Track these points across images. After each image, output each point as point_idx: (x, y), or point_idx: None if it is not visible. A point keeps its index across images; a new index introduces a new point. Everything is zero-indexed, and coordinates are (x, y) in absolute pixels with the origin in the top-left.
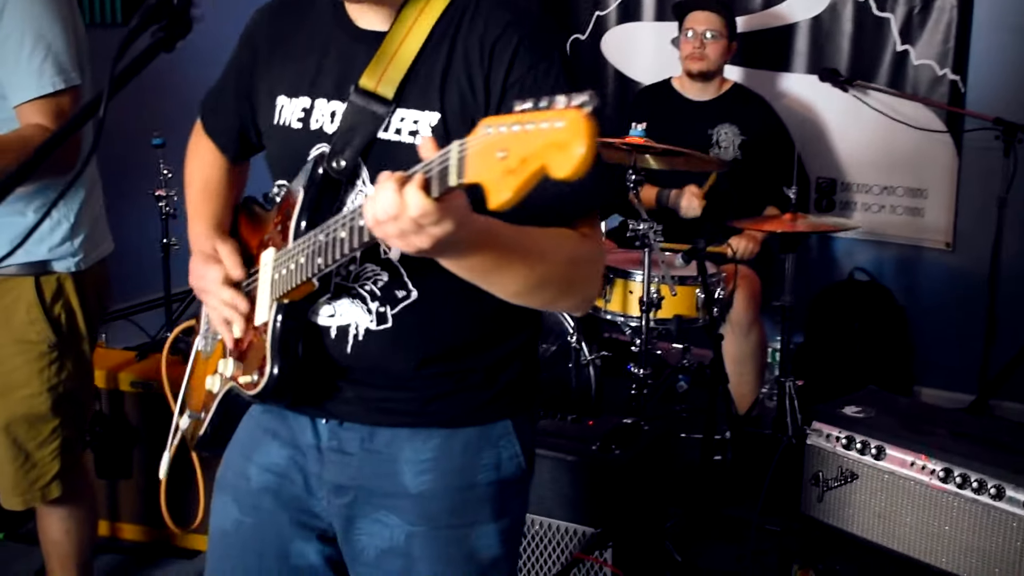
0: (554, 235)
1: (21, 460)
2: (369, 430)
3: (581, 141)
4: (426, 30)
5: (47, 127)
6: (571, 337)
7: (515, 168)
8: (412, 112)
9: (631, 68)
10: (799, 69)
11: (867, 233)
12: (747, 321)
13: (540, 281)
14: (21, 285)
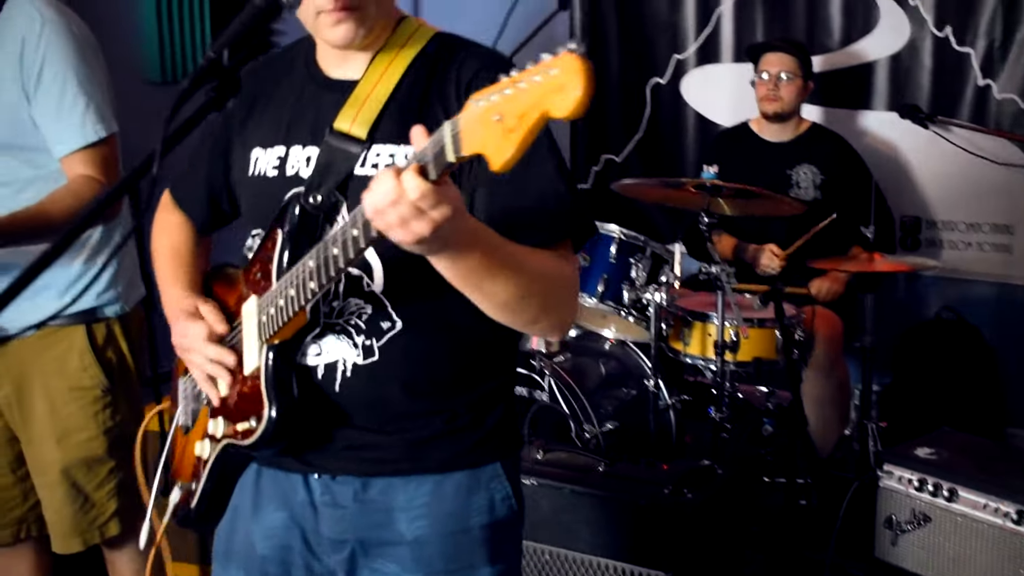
0: (534, 251)
1: (80, 502)
2: (362, 481)
3: (579, 80)
4: (398, 74)
5: (93, 176)
6: (649, 381)
7: (514, 126)
8: (388, 147)
9: (711, 110)
10: (879, 107)
11: (954, 271)
12: (828, 362)
13: (526, 292)
14: (73, 334)
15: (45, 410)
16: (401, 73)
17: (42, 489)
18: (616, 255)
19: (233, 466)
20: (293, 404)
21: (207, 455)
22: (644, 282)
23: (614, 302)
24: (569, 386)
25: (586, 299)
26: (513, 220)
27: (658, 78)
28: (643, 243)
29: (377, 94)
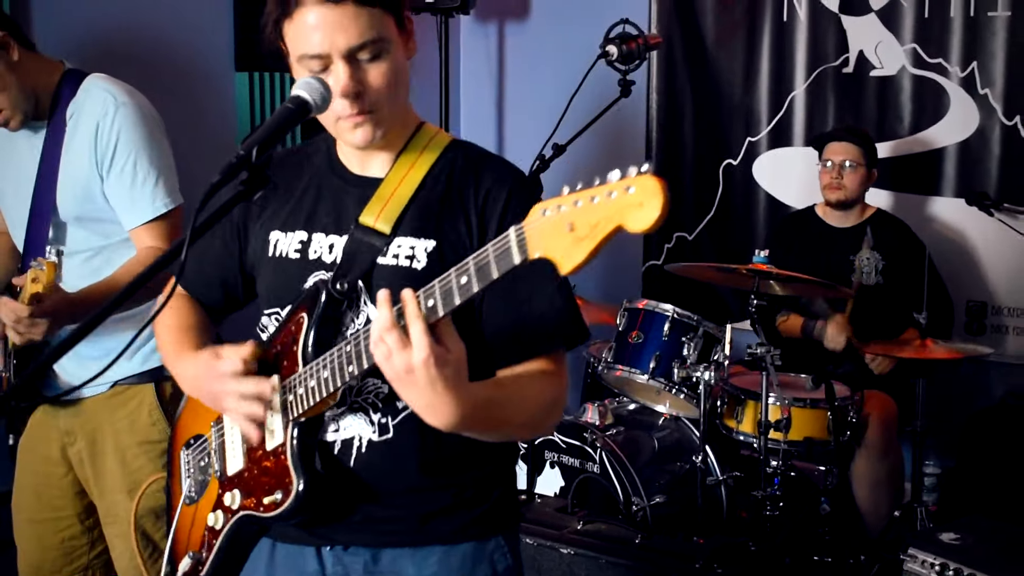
0: (531, 385)
1: (150, 551)
2: (373, 552)
3: (658, 200)
4: (420, 176)
5: (159, 247)
6: (696, 457)
7: (586, 235)
8: (409, 239)
9: (781, 192)
10: (947, 193)
11: (1020, 357)
12: (882, 444)
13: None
14: (143, 392)
15: (116, 464)
16: (423, 175)
17: (114, 539)
18: (669, 333)
19: (246, 538)
20: (318, 478)
21: (220, 526)
22: (695, 360)
23: (665, 379)
24: (619, 459)
25: (638, 375)
26: (515, 334)
27: (731, 159)
28: (696, 323)
29: (401, 193)
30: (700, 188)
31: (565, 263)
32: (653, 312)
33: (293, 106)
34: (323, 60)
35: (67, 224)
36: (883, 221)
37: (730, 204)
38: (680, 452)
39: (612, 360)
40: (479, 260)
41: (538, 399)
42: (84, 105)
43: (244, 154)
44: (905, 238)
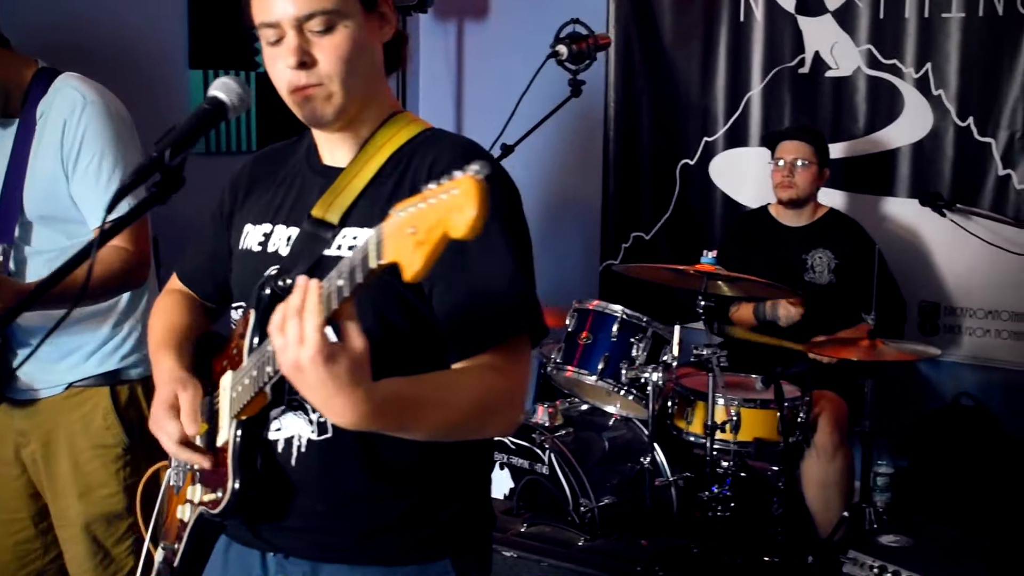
0: (461, 381)
1: (100, 556)
2: (312, 565)
3: (473, 202)
4: (378, 165)
5: (123, 246)
6: (645, 459)
7: (423, 239)
8: (355, 230)
9: (737, 192)
10: (902, 193)
11: (973, 357)
12: (831, 445)
13: (447, 430)
14: (98, 394)
15: (69, 467)
16: (380, 165)
17: (65, 543)
18: (618, 334)
19: (207, 533)
20: (256, 478)
21: (187, 518)
22: (644, 361)
23: (613, 380)
24: (568, 460)
25: (587, 376)
26: (468, 317)
27: (687, 159)
28: (645, 324)
29: (355, 183)
30: (657, 188)
31: (407, 270)
32: (602, 313)
33: (208, 107)
34: (276, 29)
35: (33, 223)
36: (836, 220)
37: (687, 204)
38: (631, 453)
39: (561, 361)
40: (352, 261)
41: (470, 398)
42: (54, 103)
43: (156, 156)
44: (857, 237)
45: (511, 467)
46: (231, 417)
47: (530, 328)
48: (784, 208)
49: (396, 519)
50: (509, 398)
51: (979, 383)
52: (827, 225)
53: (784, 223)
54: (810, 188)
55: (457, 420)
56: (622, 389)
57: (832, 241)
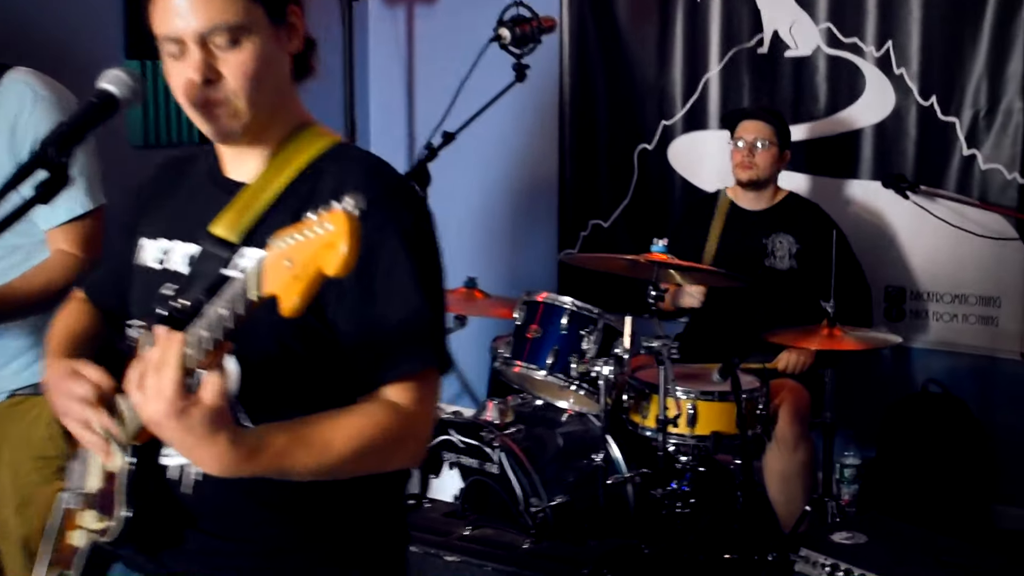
0: (347, 422)
1: None
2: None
3: (344, 239)
4: (285, 183)
5: (71, 252)
6: (597, 455)
7: (299, 274)
8: (256, 251)
9: (697, 176)
10: (864, 176)
11: (940, 343)
12: (793, 437)
13: (331, 471)
14: (40, 404)
15: (8, 477)
16: (288, 181)
17: (5, 556)
18: (567, 326)
19: (102, 559)
20: (145, 506)
21: (82, 545)
22: (595, 355)
23: (563, 374)
24: (518, 458)
25: (536, 371)
26: (369, 348)
27: (646, 144)
28: (596, 315)
29: (260, 201)
30: (615, 174)
31: (284, 304)
32: (552, 305)
33: (97, 100)
34: (178, 44)
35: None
36: (796, 204)
37: (646, 190)
38: (586, 450)
39: (510, 356)
40: (234, 291)
41: (356, 438)
42: (3, 98)
43: (39, 152)
44: (819, 221)
45: (461, 467)
46: (125, 442)
47: (433, 364)
48: (743, 190)
49: (296, 542)
50: (406, 435)
51: (947, 369)
52: (787, 209)
53: (743, 207)
54: (770, 170)
55: (341, 462)
56: (572, 384)
57: (793, 225)
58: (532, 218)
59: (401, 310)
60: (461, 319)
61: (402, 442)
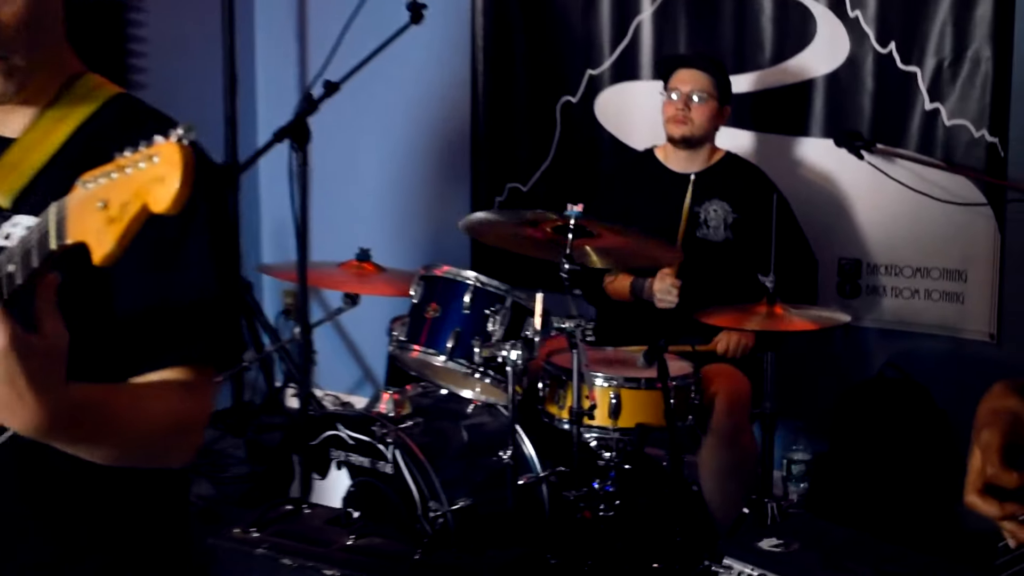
0: (154, 393)
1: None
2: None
3: (177, 171)
4: (62, 138)
5: None
6: (504, 452)
7: (116, 215)
8: (28, 219)
9: (627, 133)
10: (814, 133)
11: (899, 322)
12: (730, 430)
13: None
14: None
15: None
16: (66, 137)
17: None
18: (470, 305)
19: None
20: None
21: None
22: (502, 337)
23: (465, 360)
24: (414, 456)
25: (434, 356)
26: (158, 324)
27: (569, 96)
28: (503, 292)
29: (33, 159)
30: (535, 131)
31: (96, 251)
32: (453, 281)
33: None
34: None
35: None
36: (734, 166)
37: (570, 149)
38: (494, 446)
39: (406, 339)
40: (26, 242)
41: (164, 412)
42: None
43: None
44: (759, 186)
45: (351, 466)
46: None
47: (215, 353)
48: (674, 150)
49: (53, 560)
50: (197, 418)
51: (907, 352)
52: (724, 172)
53: (673, 169)
54: (707, 126)
55: (151, 435)
56: (477, 370)
57: (729, 191)
58: (440, 182)
59: (197, 291)
60: (352, 297)
61: (196, 425)
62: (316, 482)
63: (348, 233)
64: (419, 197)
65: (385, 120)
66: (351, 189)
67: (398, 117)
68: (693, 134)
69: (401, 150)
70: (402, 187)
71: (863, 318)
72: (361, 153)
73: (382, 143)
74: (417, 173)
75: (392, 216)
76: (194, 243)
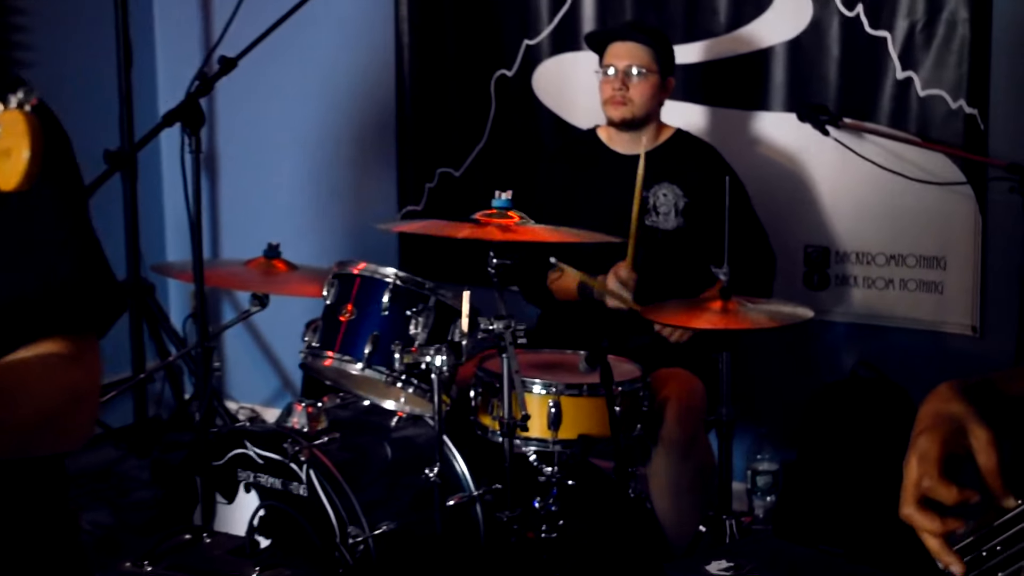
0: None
1: None
2: None
3: (24, 142)
4: None
5: None
6: (431, 471)
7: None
8: None
9: (569, 110)
10: (775, 107)
11: (872, 316)
12: (683, 439)
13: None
14: None
15: None
16: None
17: None
18: (389, 306)
19: None
20: None
21: None
22: (426, 341)
23: (385, 368)
24: (331, 476)
25: (350, 364)
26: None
27: (504, 70)
28: (427, 291)
29: None
30: (468, 109)
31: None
32: (370, 279)
33: None
34: None
35: None
36: (685, 145)
37: (506, 128)
38: (422, 463)
39: (319, 345)
40: None
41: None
42: None
43: None
44: (713, 167)
45: (260, 488)
46: None
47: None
48: (617, 131)
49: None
50: (88, 387)
51: (881, 349)
52: (674, 152)
53: (617, 150)
54: (649, 104)
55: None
56: (399, 379)
57: (680, 173)
58: (363, 168)
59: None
60: (260, 299)
61: (89, 395)
62: (222, 507)
63: (260, 227)
64: (339, 186)
65: (300, 100)
66: (263, 178)
67: (314, 97)
68: (635, 115)
69: (318, 133)
70: (320, 175)
71: (832, 311)
72: (273, 137)
73: (297, 126)
74: (337, 158)
75: (309, 208)
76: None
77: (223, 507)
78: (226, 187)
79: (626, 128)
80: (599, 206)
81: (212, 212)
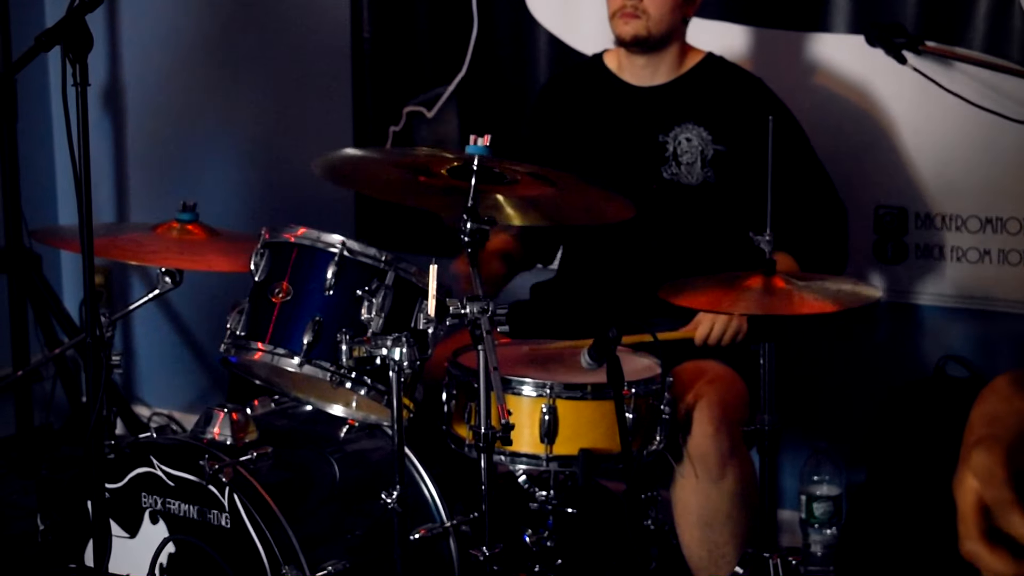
0: None
1: None
2: None
3: None
4: None
5: None
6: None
7: None
8: None
9: (572, 32)
10: (840, 27)
11: (964, 297)
12: (717, 455)
13: None
14: None
15: None
16: None
17: None
18: (335, 284)
19: None
20: None
21: None
22: (381, 328)
23: (329, 363)
24: (263, 504)
25: (286, 359)
26: None
27: None
28: (383, 264)
29: None
30: (442, 31)
31: None
32: (311, 248)
33: None
34: None
35: None
36: (717, 74)
37: (492, 55)
38: (378, 485)
39: (245, 334)
40: None
41: None
42: None
43: None
44: (755, 102)
45: (170, 518)
46: None
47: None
48: (627, 56)
49: None
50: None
51: (975, 339)
52: (702, 83)
53: (629, 81)
54: (668, 19)
55: None
56: (347, 378)
57: (709, 111)
58: (308, 109)
59: None
60: (172, 275)
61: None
62: (120, 542)
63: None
64: (277, 128)
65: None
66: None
67: (239, 17)
68: (650, 32)
69: (249, 66)
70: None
71: (911, 291)
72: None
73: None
74: (274, 94)
75: (233, 160)
76: None
77: (122, 541)
78: (134, 131)
79: (640, 49)
80: (607, 152)
81: (117, 164)
